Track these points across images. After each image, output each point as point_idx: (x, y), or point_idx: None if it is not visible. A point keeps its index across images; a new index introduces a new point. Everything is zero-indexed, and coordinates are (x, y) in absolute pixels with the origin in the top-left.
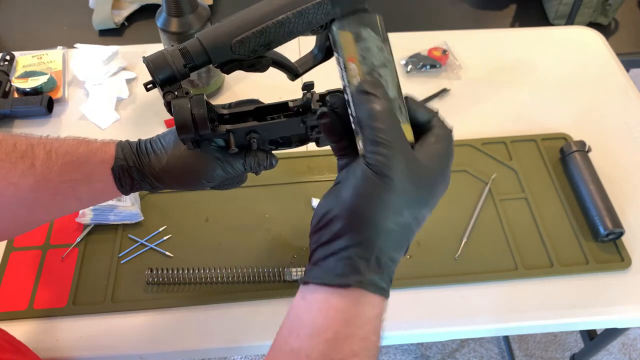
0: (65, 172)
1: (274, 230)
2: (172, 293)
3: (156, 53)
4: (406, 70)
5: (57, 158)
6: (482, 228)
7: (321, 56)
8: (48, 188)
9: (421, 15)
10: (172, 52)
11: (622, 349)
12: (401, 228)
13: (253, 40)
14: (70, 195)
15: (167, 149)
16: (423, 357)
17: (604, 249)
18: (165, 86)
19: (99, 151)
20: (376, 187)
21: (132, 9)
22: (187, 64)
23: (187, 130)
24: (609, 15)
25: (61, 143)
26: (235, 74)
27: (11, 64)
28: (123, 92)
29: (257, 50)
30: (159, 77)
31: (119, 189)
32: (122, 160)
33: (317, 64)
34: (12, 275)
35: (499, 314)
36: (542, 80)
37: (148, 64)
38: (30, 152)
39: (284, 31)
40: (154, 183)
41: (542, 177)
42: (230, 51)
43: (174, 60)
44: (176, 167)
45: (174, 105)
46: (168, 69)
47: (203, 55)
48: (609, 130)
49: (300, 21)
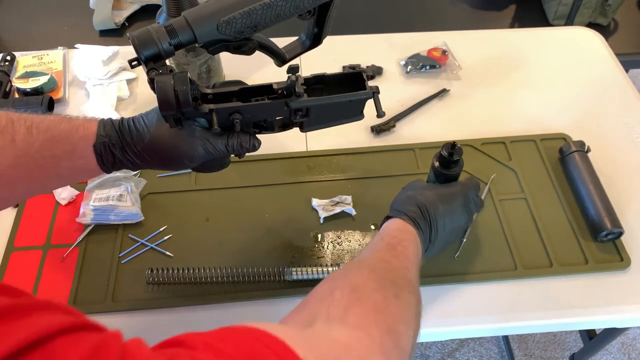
0: (46, 147)
1: (274, 230)
2: (172, 293)
3: (141, 29)
4: (406, 71)
5: (38, 134)
6: (482, 228)
7: (309, 43)
8: (28, 164)
9: (421, 16)
10: (157, 28)
11: (622, 348)
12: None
13: (240, 21)
14: (51, 171)
15: (149, 126)
16: (423, 357)
17: (603, 249)
18: (149, 63)
19: (80, 127)
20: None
21: (133, 10)
22: (172, 41)
23: (169, 107)
24: (609, 15)
25: (42, 119)
26: (236, 72)
27: (12, 64)
28: (123, 92)
29: (243, 31)
30: (144, 54)
31: (101, 167)
32: (103, 137)
33: (305, 50)
34: (13, 275)
35: (498, 314)
36: (542, 81)
37: (133, 40)
38: (11, 128)
39: (272, 14)
40: (135, 161)
41: (542, 177)
42: (217, 31)
43: (159, 37)
44: (158, 145)
45: (157, 82)
46: (153, 46)
47: (188, 33)
48: (608, 130)
49: (289, 5)
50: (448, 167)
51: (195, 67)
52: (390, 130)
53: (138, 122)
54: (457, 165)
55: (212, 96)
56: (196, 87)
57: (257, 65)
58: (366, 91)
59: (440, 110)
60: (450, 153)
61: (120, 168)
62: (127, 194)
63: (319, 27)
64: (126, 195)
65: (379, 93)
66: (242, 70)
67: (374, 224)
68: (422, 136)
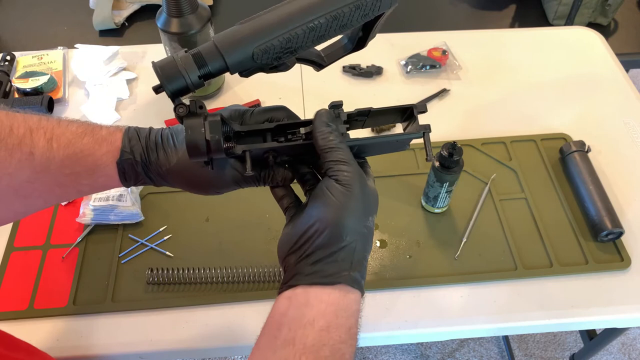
0: (67, 165)
1: (274, 230)
2: (172, 293)
3: (166, 59)
4: (406, 71)
5: (59, 148)
6: (482, 228)
7: (351, 46)
8: (47, 180)
9: (421, 16)
10: (184, 58)
11: (622, 348)
12: (369, 231)
13: (278, 48)
14: (71, 188)
15: (178, 148)
16: (423, 357)
17: (604, 249)
18: (176, 97)
19: (104, 142)
20: (346, 197)
21: (133, 10)
22: (201, 71)
23: (199, 154)
24: (609, 15)
25: (63, 130)
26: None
27: (12, 64)
28: (123, 93)
29: (281, 57)
30: (170, 89)
31: (123, 183)
32: (128, 153)
33: (346, 54)
34: (13, 275)
35: (498, 314)
36: (542, 80)
37: (157, 72)
38: (29, 139)
39: (314, 36)
40: (158, 181)
41: (542, 177)
42: (252, 60)
43: (187, 68)
44: (185, 171)
45: (187, 128)
46: (180, 79)
47: (219, 62)
48: (609, 130)
49: (335, 25)
50: (448, 167)
51: None
52: (390, 130)
53: (167, 141)
54: (457, 165)
55: (245, 133)
56: (229, 126)
57: None
58: (416, 133)
59: (440, 110)
60: (450, 153)
61: (142, 185)
62: (127, 194)
63: (364, 32)
64: (126, 195)
65: (430, 132)
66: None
67: None
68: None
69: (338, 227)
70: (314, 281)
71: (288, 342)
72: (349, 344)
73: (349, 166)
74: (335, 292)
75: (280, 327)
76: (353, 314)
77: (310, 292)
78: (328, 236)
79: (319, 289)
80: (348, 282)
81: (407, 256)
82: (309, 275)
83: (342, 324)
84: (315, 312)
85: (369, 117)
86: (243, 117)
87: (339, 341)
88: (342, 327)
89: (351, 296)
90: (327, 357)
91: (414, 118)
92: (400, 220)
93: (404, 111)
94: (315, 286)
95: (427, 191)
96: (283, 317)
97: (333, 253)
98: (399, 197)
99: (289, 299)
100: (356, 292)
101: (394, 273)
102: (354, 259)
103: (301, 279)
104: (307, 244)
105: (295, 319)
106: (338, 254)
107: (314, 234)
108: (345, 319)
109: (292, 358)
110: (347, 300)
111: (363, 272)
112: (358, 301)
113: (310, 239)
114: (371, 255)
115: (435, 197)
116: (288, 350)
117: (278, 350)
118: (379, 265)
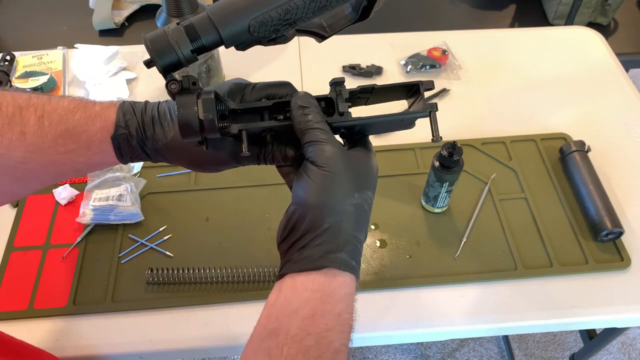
0: (60, 143)
1: (274, 230)
2: (172, 293)
3: (157, 32)
4: (406, 71)
5: (51, 126)
6: (482, 228)
7: (355, 16)
8: (41, 159)
9: (421, 15)
10: (175, 30)
11: (622, 348)
12: (356, 208)
13: (276, 20)
14: (66, 166)
15: (175, 123)
16: (423, 357)
17: (604, 248)
18: (168, 72)
19: (98, 118)
20: (323, 177)
21: (132, 9)
22: (194, 44)
23: (191, 133)
24: (609, 15)
25: (54, 106)
26: (236, 72)
27: (11, 64)
28: (123, 92)
29: (279, 30)
30: (161, 64)
31: (119, 159)
32: (123, 128)
33: (349, 24)
34: (13, 275)
35: (498, 314)
36: (542, 80)
37: (147, 45)
38: (19, 118)
39: (315, 7)
40: (155, 156)
41: (542, 177)
42: (248, 32)
43: (178, 41)
44: (182, 148)
45: (179, 106)
46: (171, 53)
47: (213, 35)
48: (609, 130)
49: None
50: (448, 167)
51: (194, 67)
52: None
53: (164, 115)
54: (457, 165)
55: (242, 111)
56: (224, 104)
57: (259, 64)
58: (422, 112)
59: (440, 110)
60: (450, 153)
61: (140, 160)
62: (127, 193)
63: (370, 0)
64: (126, 195)
65: (436, 111)
66: (243, 69)
67: (374, 223)
68: (422, 136)
69: (318, 209)
70: (301, 268)
71: (273, 332)
72: (338, 331)
73: (326, 145)
74: (320, 278)
75: (269, 317)
76: (342, 298)
77: (297, 279)
78: (311, 220)
79: (305, 276)
80: (335, 264)
81: (407, 256)
82: (297, 262)
83: (329, 310)
84: (300, 300)
85: (372, 94)
86: (244, 92)
87: (325, 329)
88: (329, 314)
89: (339, 279)
90: (310, 346)
91: (420, 95)
92: (400, 220)
93: (410, 88)
94: (302, 273)
95: (427, 191)
96: (272, 307)
97: (317, 236)
98: (399, 196)
99: (279, 289)
100: (345, 275)
101: (393, 273)
102: (339, 239)
103: (289, 266)
104: (294, 231)
105: (282, 308)
106: (322, 236)
107: (298, 220)
108: (333, 305)
109: (275, 349)
110: (334, 285)
111: (355, 252)
112: (348, 284)
113: (295, 226)
114: (371, 255)
115: (435, 197)
116: (272, 340)
117: (265, 340)
118: (379, 265)
